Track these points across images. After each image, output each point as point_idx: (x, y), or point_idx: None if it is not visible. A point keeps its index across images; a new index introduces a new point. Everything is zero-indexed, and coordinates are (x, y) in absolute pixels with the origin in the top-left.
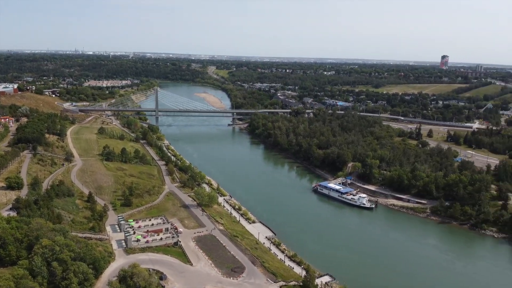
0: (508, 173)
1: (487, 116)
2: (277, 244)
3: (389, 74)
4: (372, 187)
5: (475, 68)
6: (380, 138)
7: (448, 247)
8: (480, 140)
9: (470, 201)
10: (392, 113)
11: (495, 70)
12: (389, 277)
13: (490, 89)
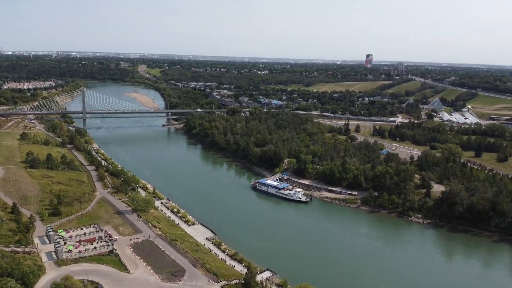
0: (429, 162)
1: (409, 111)
2: (217, 244)
3: (319, 73)
4: (307, 181)
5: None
6: (313, 135)
7: (378, 235)
8: (403, 133)
9: (397, 190)
10: (322, 111)
11: (415, 67)
12: (325, 266)
13: (411, 85)
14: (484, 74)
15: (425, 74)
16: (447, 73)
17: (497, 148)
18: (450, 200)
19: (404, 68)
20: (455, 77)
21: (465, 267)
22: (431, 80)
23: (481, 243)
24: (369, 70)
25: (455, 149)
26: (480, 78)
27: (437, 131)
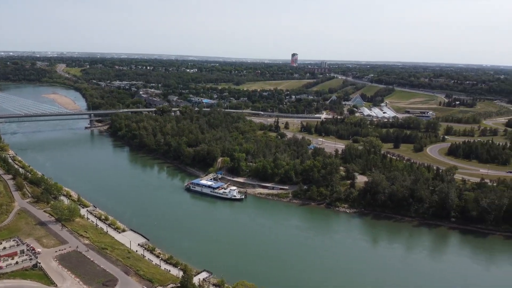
0: (353, 155)
1: (333, 107)
2: (151, 250)
3: (248, 72)
4: (241, 179)
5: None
6: (245, 133)
7: (308, 226)
8: (328, 129)
9: (324, 182)
10: (253, 109)
11: (337, 66)
12: (261, 261)
13: (334, 83)
14: (399, 71)
15: (346, 72)
16: (366, 70)
17: (413, 139)
18: (373, 190)
19: (327, 67)
20: (374, 74)
21: (388, 251)
22: (352, 78)
23: (402, 228)
24: (295, 69)
25: (376, 142)
26: (396, 74)
27: (358, 125)
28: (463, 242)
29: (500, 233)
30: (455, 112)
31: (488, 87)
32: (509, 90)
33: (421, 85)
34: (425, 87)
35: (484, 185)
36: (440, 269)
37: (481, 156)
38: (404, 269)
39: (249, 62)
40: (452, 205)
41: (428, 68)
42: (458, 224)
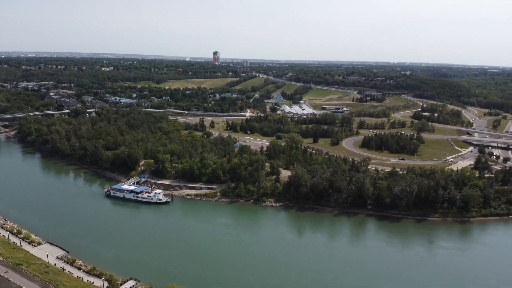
0: (276, 151)
1: (256, 105)
2: (71, 262)
3: (169, 70)
4: (167, 181)
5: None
6: (169, 133)
7: (236, 223)
8: (253, 126)
9: (251, 179)
10: (176, 108)
11: (258, 65)
12: (190, 263)
13: (256, 81)
14: (315, 70)
15: (267, 71)
16: (285, 69)
17: (330, 134)
18: (296, 183)
19: (249, 66)
20: (292, 73)
21: (312, 240)
22: (273, 77)
23: (324, 218)
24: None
25: (297, 138)
26: (312, 73)
27: (281, 122)
28: (379, 227)
29: (411, 217)
30: (367, 107)
31: (396, 83)
32: (414, 85)
33: (336, 82)
34: (339, 85)
35: (395, 174)
36: (359, 254)
37: (391, 147)
38: (326, 256)
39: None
40: (367, 193)
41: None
42: (374, 211)
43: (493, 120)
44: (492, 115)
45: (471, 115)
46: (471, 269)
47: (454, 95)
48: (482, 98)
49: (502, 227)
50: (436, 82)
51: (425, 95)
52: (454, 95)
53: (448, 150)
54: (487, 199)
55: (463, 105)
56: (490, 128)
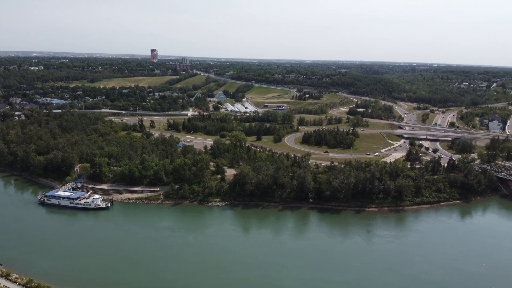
0: (221, 150)
1: (198, 104)
2: (5, 276)
3: (103, 68)
4: (105, 185)
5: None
6: (105, 135)
7: (181, 225)
8: (196, 125)
9: (196, 179)
10: (113, 108)
11: (198, 62)
12: (131, 270)
13: (197, 79)
14: (256, 68)
15: (208, 69)
16: (227, 67)
17: (273, 131)
18: (241, 181)
19: (188, 63)
20: (234, 71)
21: (258, 236)
22: (214, 74)
23: (269, 213)
24: (156, 65)
25: (241, 136)
26: (253, 71)
27: (224, 121)
28: (320, 219)
29: (350, 208)
30: (305, 105)
31: (332, 80)
32: (349, 82)
33: (276, 81)
34: (279, 83)
35: (334, 167)
36: (303, 247)
37: (329, 142)
38: (272, 251)
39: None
40: (309, 187)
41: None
42: (315, 204)
43: (422, 114)
44: (421, 109)
45: (402, 110)
46: (406, 255)
47: (386, 91)
48: (412, 94)
49: (433, 214)
50: (369, 79)
51: (359, 91)
52: (386, 91)
53: (381, 143)
54: (418, 188)
55: (394, 100)
56: (419, 122)
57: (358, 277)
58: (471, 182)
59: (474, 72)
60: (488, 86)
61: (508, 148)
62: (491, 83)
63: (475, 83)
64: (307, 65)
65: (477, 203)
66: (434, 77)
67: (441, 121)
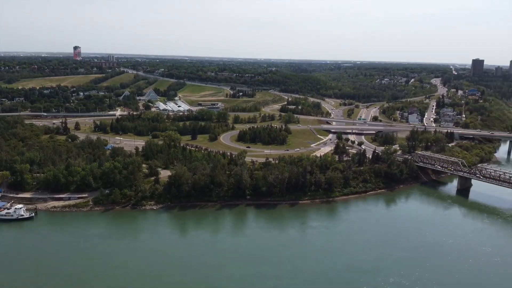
0: (154, 151)
1: (127, 103)
2: None
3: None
4: (28, 194)
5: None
6: (26, 139)
7: (112, 231)
8: (125, 126)
9: (128, 183)
10: (33, 110)
11: (125, 60)
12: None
13: (125, 77)
14: (188, 65)
15: (137, 66)
16: (156, 64)
17: (208, 129)
18: (177, 182)
19: (115, 61)
20: (164, 69)
21: (195, 238)
22: (143, 72)
23: (207, 213)
24: (80, 63)
25: (174, 136)
26: (185, 69)
27: (156, 120)
28: (257, 215)
29: (285, 202)
30: (239, 103)
31: (264, 78)
32: (280, 80)
33: (209, 78)
34: (212, 81)
35: (269, 164)
36: (240, 244)
37: (264, 139)
38: (209, 251)
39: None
40: (246, 184)
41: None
42: (252, 201)
43: (348, 109)
44: (346, 105)
45: (329, 106)
46: (337, 244)
47: (314, 89)
48: (337, 90)
49: (361, 203)
50: (298, 77)
51: (289, 89)
52: (314, 89)
53: (312, 138)
54: (347, 179)
55: (322, 97)
56: (345, 117)
57: (292, 269)
58: (394, 172)
59: (394, 69)
60: (407, 81)
61: (426, 138)
62: (410, 79)
63: (395, 79)
64: (239, 63)
65: (400, 191)
66: (358, 74)
67: (365, 115)
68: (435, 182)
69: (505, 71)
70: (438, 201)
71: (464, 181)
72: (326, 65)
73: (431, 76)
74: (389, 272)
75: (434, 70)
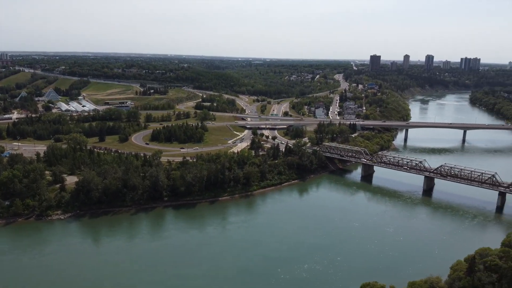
0: (57, 156)
1: (24, 105)
2: None
3: None
4: None
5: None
6: None
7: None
8: (23, 130)
9: (30, 193)
10: None
11: (21, 58)
12: None
13: (20, 77)
14: (92, 62)
15: (34, 65)
16: (56, 62)
17: (118, 130)
18: (85, 188)
19: (9, 59)
20: (65, 66)
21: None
22: (41, 71)
23: (122, 219)
24: None
25: (80, 138)
26: (89, 66)
27: (58, 122)
28: (176, 216)
29: (205, 200)
30: (151, 100)
31: (176, 75)
32: (193, 77)
33: (116, 76)
34: (120, 78)
35: (187, 162)
36: (158, 247)
37: (179, 137)
38: (124, 258)
39: None
40: (163, 186)
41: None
42: (171, 202)
43: (261, 105)
44: (259, 101)
45: (243, 103)
46: (254, 237)
47: (228, 85)
48: (250, 87)
49: (277, 195)
50: (212, 74)
51: (203, 86)
52: (228, 85)
53: (228, 135)
54: (263, 173)
55: (236, 94)
56: (259, 113)
57: (211, 267)
58: (305, 163)
59: (301, 66)
60: (313, 77)
61: (332, 130)
62: (315, 75)
63: (302, 76)
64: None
65: (311, 180)
66: (268, 71)
67: (277, 111)
68: (342, 170)
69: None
70: (345, 188)
71: (367, 168)
72: (237, 62)
73: (334, 72)
74: (303, 259)
75: (337, 66)
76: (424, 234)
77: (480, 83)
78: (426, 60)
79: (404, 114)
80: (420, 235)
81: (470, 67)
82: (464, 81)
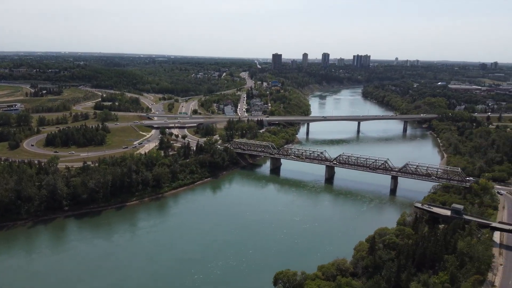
0: None
1: None
2: None
3: None
4: None
5: None
6: None
7: None
8: None
9: None
10: None
11: None
12: None
13: None
14: None
15: None
16: None
17: (7, 136)
18: None
19: None
20: None
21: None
22: None
23: (17, 234)
24: None
25: None
26: None
27: None
28: (80, 226)
29: (111, 207)
30: (44, 102)
31: (71, 74)
32: (91, 75)
33: (2, 76)
34: (7, 78)
35: (88, 168)
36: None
37: (78, 141)
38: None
39: None
40: (62, 194)
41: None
42: (72, 211)
43: (168, 104)
44: (166, 99)
45: (148, 101)
46: (166, 240)
47: (130, 84)
48: (155, 85)
49: (190, 194)
50: (112, 71)
51: (102, 85)
52: (130, 84)
53: (134, 136)
54: (174, 173)
55: (140, 92)
56: (166, 111)
57: (118, 277)
58: (217, 160)
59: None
60: (219, 75)
61: (241, 127)
62: (222, 73)
63: (209, 73)
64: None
65: (224, 177)
66: (174, 68)
67: (186, 109)
68: (252, 165)
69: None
70: (256, 182)
71: (275, 161)
72: (140, 59)
73: (240, 70)
74: (217, 256)
75: (242, 65)
76: (329, 220)
77: (371, 78)
78: (323, 58)
79: (305, 110)
80: (325, 221)
81: (362, 64)
82: (356, 76)
